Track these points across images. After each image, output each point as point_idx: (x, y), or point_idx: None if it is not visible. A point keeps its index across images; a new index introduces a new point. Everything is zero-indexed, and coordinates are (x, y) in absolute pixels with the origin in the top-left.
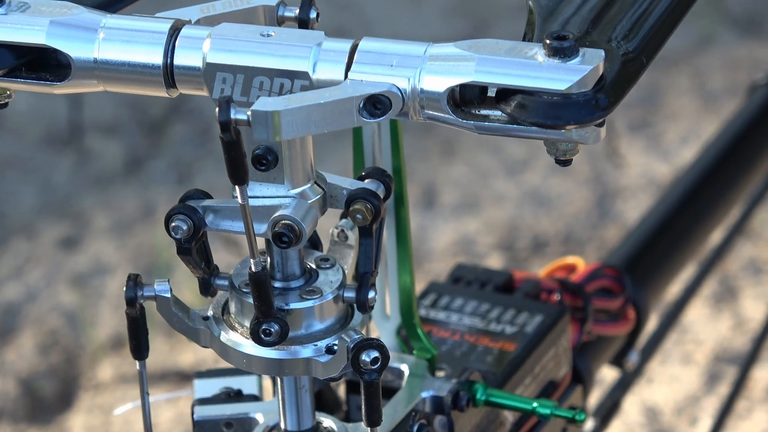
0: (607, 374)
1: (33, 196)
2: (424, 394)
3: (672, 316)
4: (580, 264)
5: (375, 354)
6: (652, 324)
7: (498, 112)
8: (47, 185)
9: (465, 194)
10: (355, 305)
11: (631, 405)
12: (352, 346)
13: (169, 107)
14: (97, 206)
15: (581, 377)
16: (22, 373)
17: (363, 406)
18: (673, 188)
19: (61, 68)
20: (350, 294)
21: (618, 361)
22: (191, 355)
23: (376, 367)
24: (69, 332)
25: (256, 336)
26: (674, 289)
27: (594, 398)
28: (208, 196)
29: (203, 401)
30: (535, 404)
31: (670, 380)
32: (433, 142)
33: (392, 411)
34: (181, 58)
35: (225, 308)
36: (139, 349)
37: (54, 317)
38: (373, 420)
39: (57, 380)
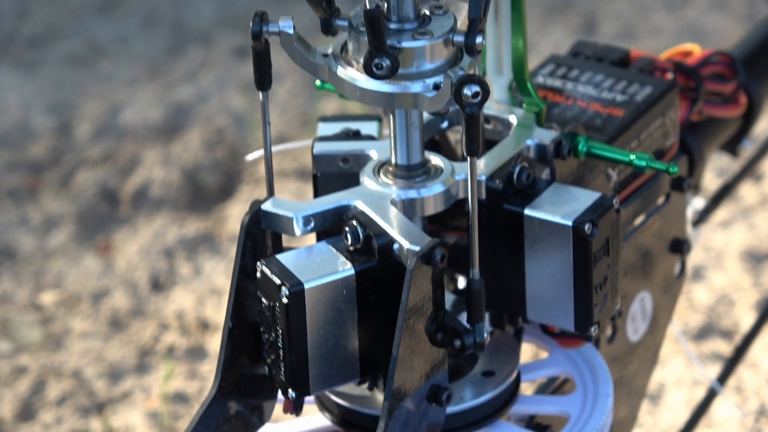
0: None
1: (212, 9)
2: (530, 142)
3: None
4: (697, 50)
5: (476, 88)
6: None
7: None
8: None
9: (624, 25)
10: (463, 49)
11: None
12: (455, 80)
13: None
14: (273, 20)
15: (690, 151)
16: (188, 165)
17: (464, 138)
18: None
19: None
20: (459, 38)
21: (731, 147)
22: None
23: (477, 100)
24: (235, 132)
25: (368, 69)
26: None
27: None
28: None
29: (323, 138)
30: (632, 156)
31: None
32: None
33: (498, 153)
34: None
35: (344, 47)
36: (263, 81)
37: (222, 117)
38: (472, 150)
39: (220, 173)
